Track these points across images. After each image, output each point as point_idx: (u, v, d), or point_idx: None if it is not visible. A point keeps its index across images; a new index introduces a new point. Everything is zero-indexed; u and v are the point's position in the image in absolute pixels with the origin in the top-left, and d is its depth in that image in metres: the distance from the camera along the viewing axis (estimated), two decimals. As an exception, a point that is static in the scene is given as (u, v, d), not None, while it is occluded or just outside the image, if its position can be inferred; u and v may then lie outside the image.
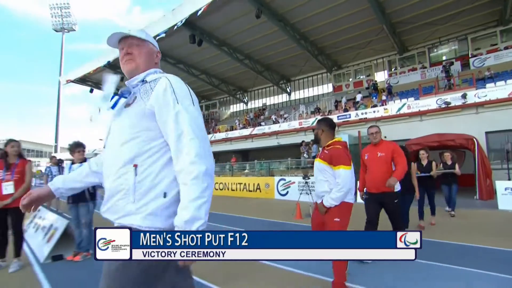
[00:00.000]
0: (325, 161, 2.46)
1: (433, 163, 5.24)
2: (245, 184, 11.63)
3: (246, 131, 18.06)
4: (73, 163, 3.81)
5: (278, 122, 17.68)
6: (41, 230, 3.65)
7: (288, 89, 25.07)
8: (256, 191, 10.98)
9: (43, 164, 46.38)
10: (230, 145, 19.34)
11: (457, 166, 5.86)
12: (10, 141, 3.55)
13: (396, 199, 3.35)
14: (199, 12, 13.67)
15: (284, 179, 10.25)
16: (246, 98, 27.94)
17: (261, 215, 6.93)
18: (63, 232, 3.70)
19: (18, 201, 3.29)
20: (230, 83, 25.68)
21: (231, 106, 29.52)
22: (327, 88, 22.87)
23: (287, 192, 9.93)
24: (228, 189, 12.24)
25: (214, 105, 29.53)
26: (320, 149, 2.65)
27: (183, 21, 14.71)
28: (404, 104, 12.45)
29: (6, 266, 3.42)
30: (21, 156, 3.60)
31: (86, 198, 3.76)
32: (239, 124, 21.75)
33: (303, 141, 12.63)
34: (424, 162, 5.32)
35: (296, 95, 24.97)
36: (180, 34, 16.60)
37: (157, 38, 16.37)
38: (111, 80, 1.16)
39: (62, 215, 5.14)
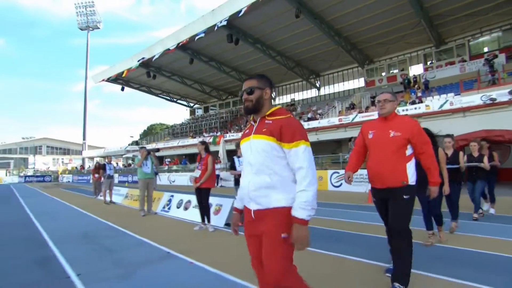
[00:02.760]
0: (271, 137, 1.51)
1: (460, 154, 4.34)
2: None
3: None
4: (238, 157, 5.13)
5: (317, 119, 18.06)
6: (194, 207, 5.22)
7: (317, 84, 25.26)
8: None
9: (75, 161, 48.97)
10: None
11: (485, 158, 4.84)
12: (200, 142, 5.02)
13: (406, 194, 2.26)
14: (241, 13, 14.22)
15: (338, 172, 11.09)
16: (274, 93, 28.40)
17: (341, 201, 8.04)
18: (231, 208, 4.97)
19: (206, 183, 4.77)
20: (259, 79, 26.20)
21: (259, 101, 30.10)
22: (358, 83, 22.83)
23: (341, 184, 10.81)
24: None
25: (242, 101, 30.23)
26: (254, 122, 1.67)
27: (224, 22, 15.33)
28: (447, 101, 12.44)
29: (201, 228, 4.85)
30: (207, 151, 4.96)
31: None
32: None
33: (352, 137, 13.22)
34: (449, 152, 4.21)
35: (326, 90, 25.11)
36: (214, 33, 17.23)
37: (197, 38, 17.21)
38: None
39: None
